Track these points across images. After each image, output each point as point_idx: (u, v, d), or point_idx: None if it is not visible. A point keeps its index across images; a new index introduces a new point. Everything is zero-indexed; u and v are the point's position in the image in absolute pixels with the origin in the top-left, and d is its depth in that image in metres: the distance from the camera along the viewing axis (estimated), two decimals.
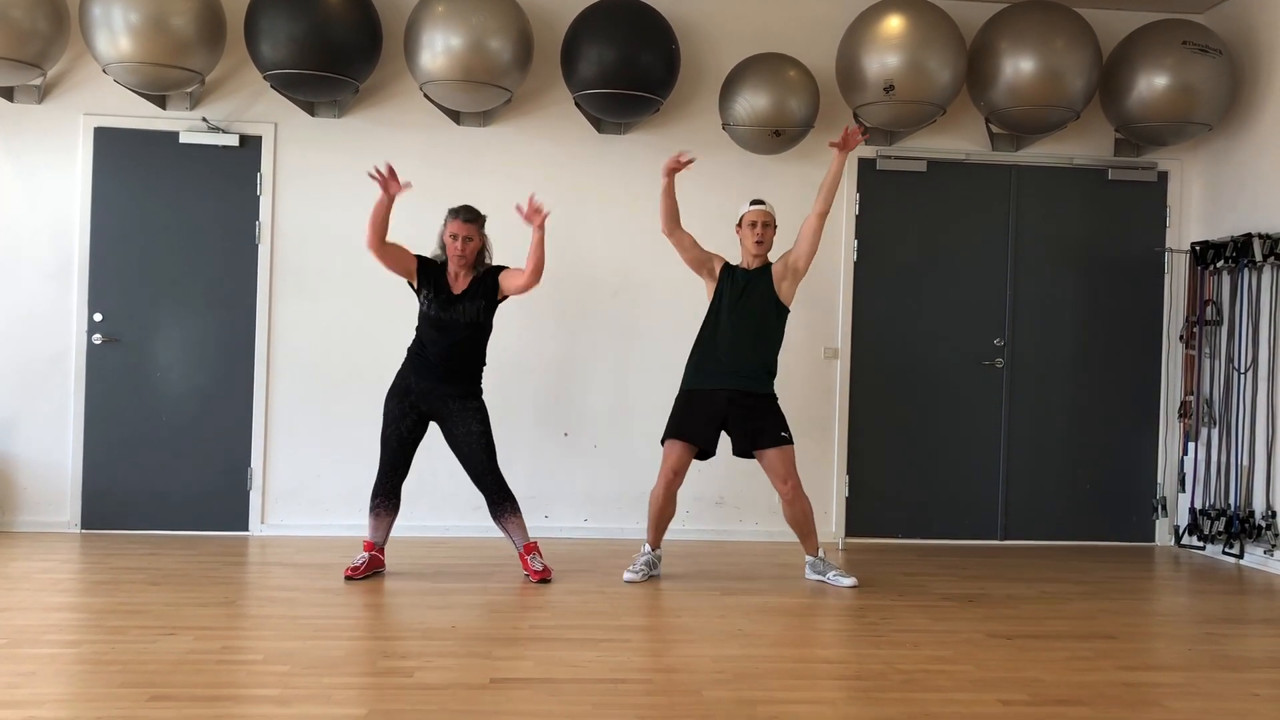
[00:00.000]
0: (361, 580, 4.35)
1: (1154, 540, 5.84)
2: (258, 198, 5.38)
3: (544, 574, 4.43)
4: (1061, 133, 5.59)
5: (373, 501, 4.46)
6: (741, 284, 4.54)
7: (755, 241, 4.54)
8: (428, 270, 4.42)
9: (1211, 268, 5.52)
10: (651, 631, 3.77)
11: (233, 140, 5.31)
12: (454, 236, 4.36)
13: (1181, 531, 5.69)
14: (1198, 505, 5.59)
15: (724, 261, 4.63)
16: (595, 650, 3.40)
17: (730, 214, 4.72)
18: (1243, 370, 5.37)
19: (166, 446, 5.33)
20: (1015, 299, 5.77)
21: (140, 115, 5.29)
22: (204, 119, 5.30)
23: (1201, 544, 5.55)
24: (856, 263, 5.66)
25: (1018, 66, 5.15)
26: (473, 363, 4.46)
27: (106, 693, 2.88)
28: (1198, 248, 5.60)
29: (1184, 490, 5.70)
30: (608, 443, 5.54)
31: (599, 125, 5.50)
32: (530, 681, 3.07)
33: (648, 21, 5.13)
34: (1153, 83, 5.25)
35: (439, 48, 4.88)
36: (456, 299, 4.39)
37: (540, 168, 5.50)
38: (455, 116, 5.41)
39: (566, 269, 5.51)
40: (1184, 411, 5.68)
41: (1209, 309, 5.56)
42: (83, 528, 5.30)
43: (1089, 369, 5.81)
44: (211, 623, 3.64)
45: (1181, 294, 5.76)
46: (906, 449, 5.71)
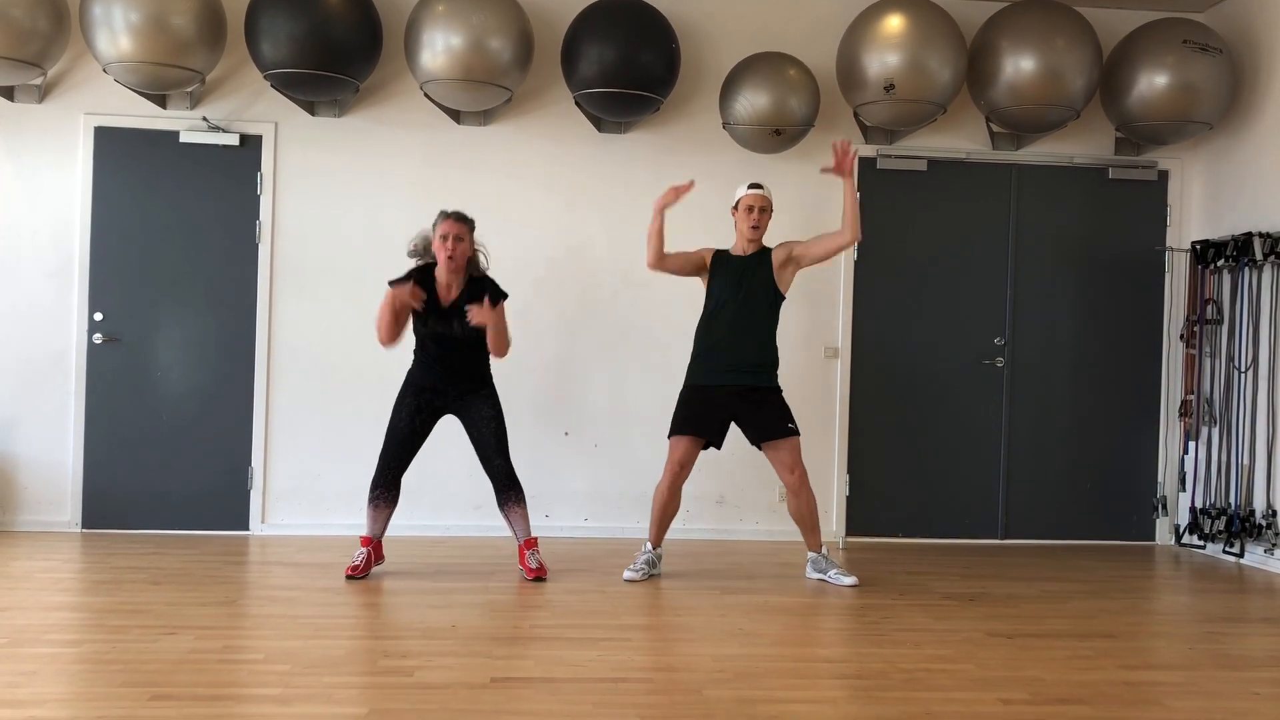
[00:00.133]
0: (363, 579, 4.35)
1: (1154, 539, 5.84)
2: (258, 197, 5.38)
3: (538, 572, 4.42)
4: (1062, 132, 5.59)
5: (372, 492, 4.44)
6: (738, 272, 4.49)
7: (751, 226, 4.48)
8: (423, 282, 4.33)
9: (1212, 266, 5.52)
10: (652, 630, 3.77)
11: (233, 140, 5.31)
12: (444, 237, 4.30)
13: (1182, 530, 5.69)
14: (1198, 504, 5.59)
15: (713, 251, 4.59)
16: (596, 649, 3.40)
17: (729, 214, 4.71)
18: (1243, 369, 5.37)
19: (167, 446, 5.34)
20: (1016, 298, 5.77)
21: (141, 115, 5.29)
22: (204, 118, 5.30)
23: (1202, 543, 5.55)
24: (857, 262, 5.66)
25: (1018, 65, 5.15)
26: (477, 363, 4.48)
27: (107, 692, 2.88)
28: (1198, 246, 5.60)
29: (1184, 489, 5.70)
30: (608, 442, 5.54)
31: (599, 124, 5.50)
32: (531, 681, 3.07)
33: (648, 21, 5.13)
34: (1153, 82, 5.25)
35: (439, 47, 4.88)
36: (449, 313, 4.35)
37: (541, 167, 5.50)
38: (456, 116, 5.41)
39: (567, 268, 5.52)
40: (1184, 410, 5.68)
41: (1209, 308, 5.56)
42: (83, 527, 5.30)
43: (1089, 368, 5.81)
44: (212, 622, 3.64)
45: (1182, 293, 5.76)
46: (907, 448, 5.71)
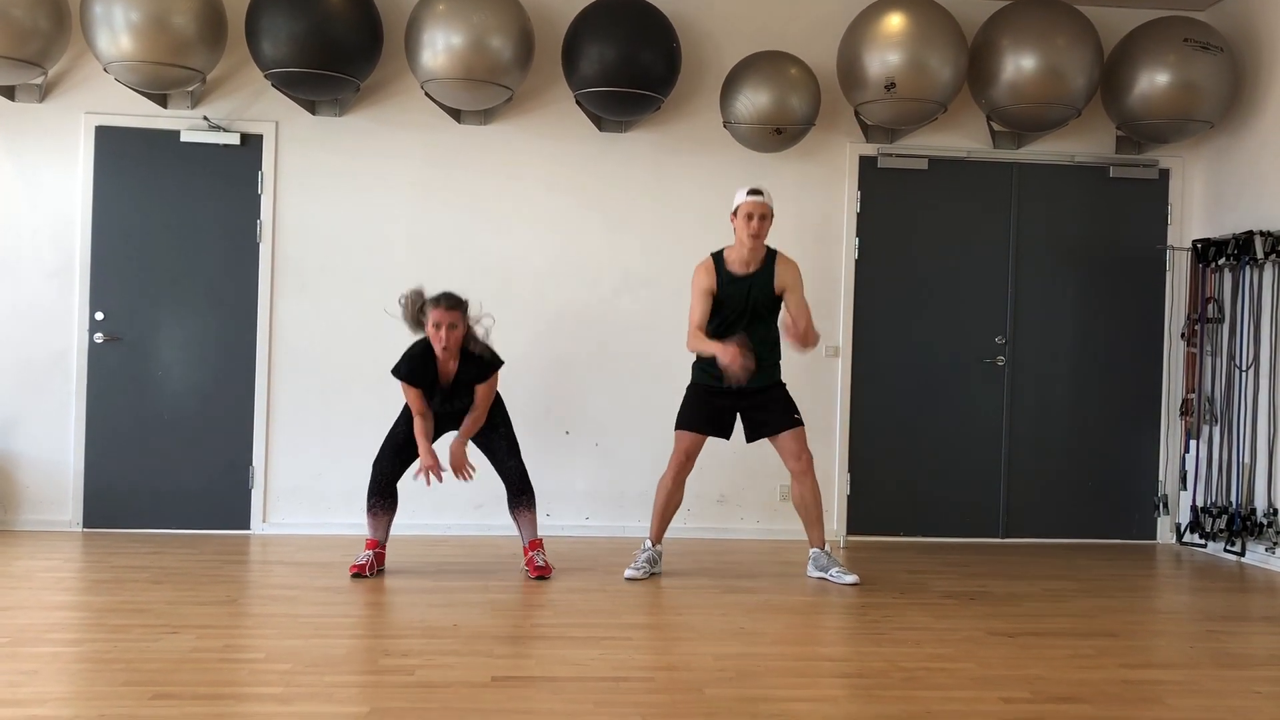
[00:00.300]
0: (367, 578, 4.34)
1: (1155, 538, 5.83)
2: (259, 196, 5.38)
3: (543, 571, 4.43)
4: (1063, 130, 5.58)
5: (369, 502, 4.46)
6: (743, 292, 4.44)
7: (751, 235, 4.40)
8: (425, 374, 4.34)
9: (1213, 265, 5.52)
10: (653, 629, 3.77)
11: (234, 139, 5.31)
12: (436, 325, 4.22)
13: (1183, 529, 5.69)
14: (1199, 503, 5.59)
15: (712, 270, 4.46)
16: (597, 648, 3.40)
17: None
18: (1244, 368, 5.36)
19: (168, 445, 5.34)
20: (1017, 297, 5.76)
21: (141, 114, 5.29)
22: (205, 118, 5.30)
23: (1203, 542, 5.55)
24: (858, 261, 5.65)
25: (1019, 64, 5.14)
26: None
27: (108, 691, 2.88)
28: (1199, 245, 5.60)
29: (1185, 488, 5.69)
30: (609, 441, 5.54)
31: (600, 123, 5.49)
32: (532, 680, 3.07)
33: (649, 19, 5.12)
34: (1154, 80, 5.25)
35: (440, 46, 4.88)
36: (451, 394, 4.40)
37: (541, 166, 5.50)
38: (456, 115, 5.40)
39: (567, 267, 5.52)
40: (1185, 409, 5.67)
41: (1210, 306, 5.56)
42: (84, 526, 5.30)
43: (1090, 367, 5.80)
44: (213, 621, 3.64)
45: (1183, 291, 5.75)
46: (908, 447, 5.71)
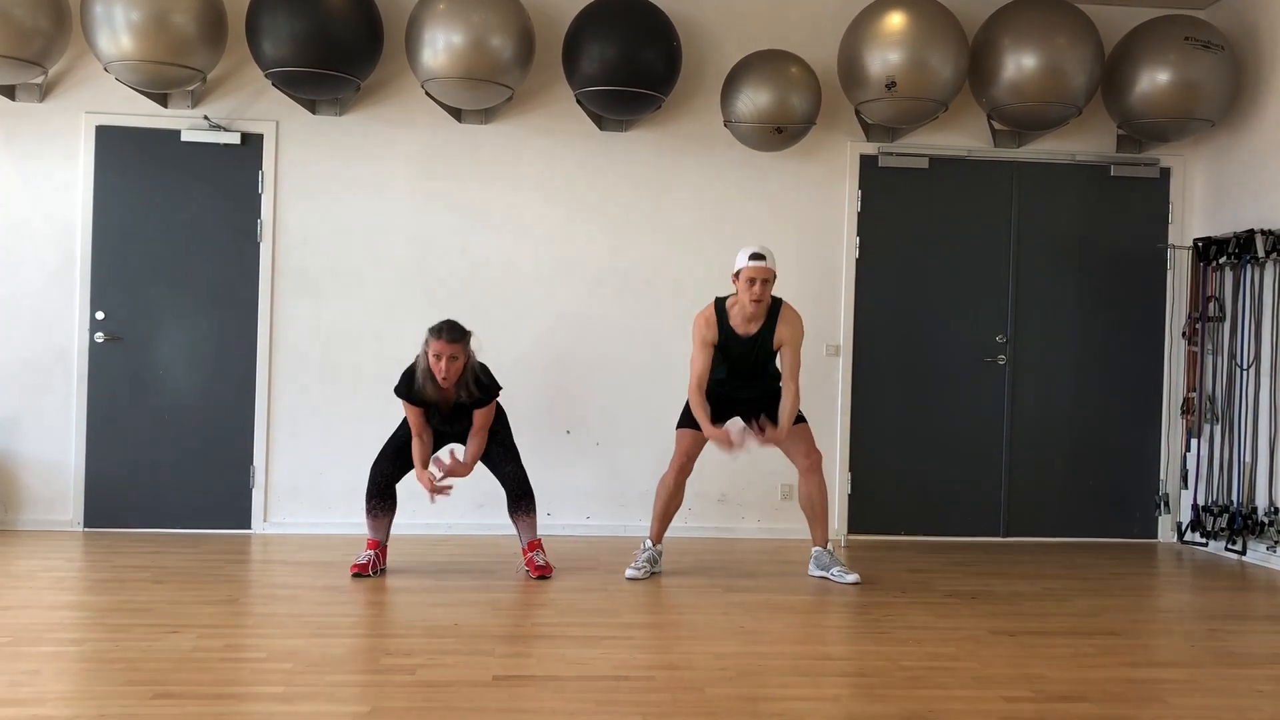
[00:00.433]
0: (369, 578, 4.35)
1: (1157, 537, 5.83)
2: (259, 196, 5.38)
3: (544, 570, 4.43)
4: (1063, 129, 5.58)
5: (369, 504, 4.45)
6: (746, 350, 4.45)
7: (753, 300, 4.34)
8: (425, 394, 4.33)
9: (1214, 264, 5.52)
10: (654, 629, 3.77)
11: (234, 138, 5.31)
12: (437, 357, 4.18)
13: (1184, 528, 5.68)
14: (1200, 502, 5.59)
15: (713, 323, 4.43)
16: (598, 648, 3.41)
17: (731, 212, 4.73)
18: (1245, 366, 5.36)
19: (169, 445, 5.34)
20: (1017, 295, 5.76)
21: (142, 113, 5.29)
22: (205, 117, 5.30)
23: (1204, 540, 5.55)
24: (858, 259, 5.65)
25: (1020, 63, 5.14)
26: None
27: (110, 690, 2.88)
28: (1200, 244, 5.60)
29: (1186, 487, 5.69)
30: (609, 441, 5.54)
31: (600, 122, 5.49)
32: (533, 679, 3.07)
33: (649, 18, 5.12)
34: (1155, 79, 5.25)
35: (440, 45, 4.88)
36: (450, 416, 4.41)
37: (542, 165, 5.50)
38: (457, 114, 5.40)
39: (568, 266, 5.52)
40: (1186, 408, 5.67)
41: (1211, 305, 5.56)
42: (85, 526, 5.31)
43: (1091, 365, 5.80)
44: (215, 620, 3.64)
45: (1184, 290, 5.75)
46: (909, 445, 5.71)
